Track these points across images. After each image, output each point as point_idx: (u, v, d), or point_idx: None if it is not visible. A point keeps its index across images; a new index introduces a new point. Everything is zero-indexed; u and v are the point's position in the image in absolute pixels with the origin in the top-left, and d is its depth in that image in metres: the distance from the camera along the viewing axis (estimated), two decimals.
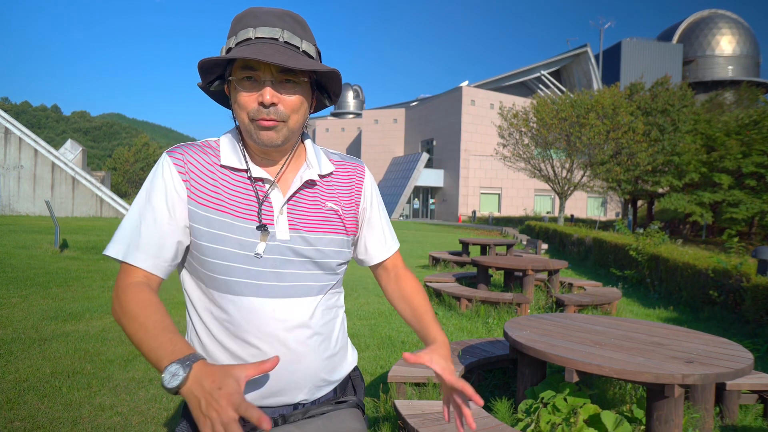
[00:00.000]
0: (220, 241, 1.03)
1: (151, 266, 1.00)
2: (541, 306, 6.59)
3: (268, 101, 0.98)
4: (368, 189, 1.23)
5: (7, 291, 6.39)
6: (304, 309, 1.07)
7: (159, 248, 1.01)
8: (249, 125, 1.02)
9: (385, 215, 1.29)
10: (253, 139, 1.04)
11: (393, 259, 1.30)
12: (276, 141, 1.03)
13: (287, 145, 1.09)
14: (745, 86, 36.23)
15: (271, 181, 1.08)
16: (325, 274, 1.11)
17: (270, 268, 1.04)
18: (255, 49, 0.97)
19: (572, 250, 14.02)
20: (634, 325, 3.31)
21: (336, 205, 1.14)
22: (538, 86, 50.07)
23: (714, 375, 2.36)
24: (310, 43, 1.05)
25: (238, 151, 1.09)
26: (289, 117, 1.02)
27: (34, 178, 24.12)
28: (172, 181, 1.03)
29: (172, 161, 1.05)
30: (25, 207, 23.93)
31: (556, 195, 26.66)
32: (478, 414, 2.59)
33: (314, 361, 1.08)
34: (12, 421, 2.91)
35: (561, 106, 24.20)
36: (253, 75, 1.00)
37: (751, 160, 23.04)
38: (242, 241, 1.03)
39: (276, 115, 1.00)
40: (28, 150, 24.04)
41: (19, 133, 23.88)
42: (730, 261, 7.03)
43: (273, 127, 1.01)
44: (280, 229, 1.06)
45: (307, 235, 1.08)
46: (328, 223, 1.11)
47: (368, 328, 5.52)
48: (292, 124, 1.03)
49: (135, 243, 1.00)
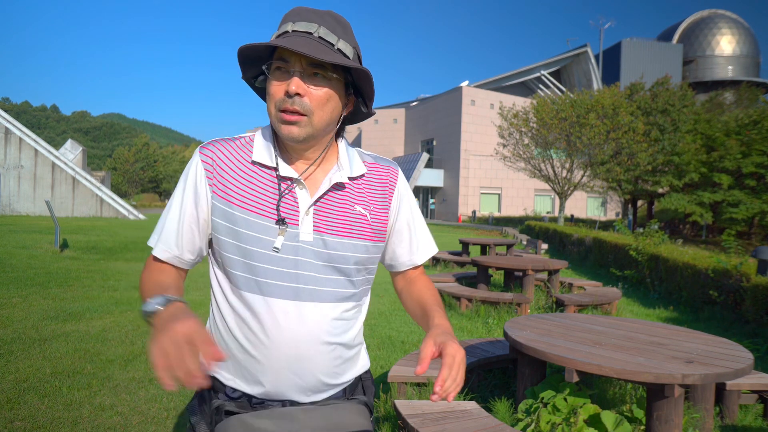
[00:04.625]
0: (240, 238, 1.04)
1: (170, 258, 1.08)
2: (541, 306, 6.59)
3: (293, 90, 0.97)
4: (401, 193, 1.19)
5: (7, 291, 6.39)
6: (320, 315, 1.06)
7: (179, 241, 1.07)
8: (275, 117, 1.02)
9: (421, 221, 1.24)
10: (278, 131, 1.03)
11: (413, 271, 1.26)
12: (297, 136, 1.02)
13: (315, 143, 1.08)
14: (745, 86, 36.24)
15: (299, 180, 1.07)
16: (346, 281, 1.09)
17: (289, 269, 1.04)
18: (287, 40, 0.98)
19: (572, 250, 14.02)
20: (634, 325, 3.31)
21: (365, 210, 1.12)
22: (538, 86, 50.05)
23: (714, 375, 2.36)
24: (348, 43, 1.04)
25: (270, 147, 1.09)
26: (314, 112, 1.01)
27: (34, 178, 24.12)
28: (196, 176, 1.06)
29: (201, 157, 1.07)
30: (25, 207, 23.93)
31: (556, 195, 26.65)
32: (479, 414, 2.59)
33: (322, 367, 1.07)
34: (12, 421, 2.91)
35: (561, 106, 24.19)
36: (284, 66, 1.00)
37: (751, 160, 23.04)
38: (262, 239, 1.03)
39: (300, 107, 0.99)
40: (29, 150, 24.03)
41: (19, 133, 23.88)
42: (730, 261, 7.03)
43: (296, 122, 1.00)
44: (304, 229, 1.05)
45: (331, 238, 1.06)
46: (354, 228, 1.09)
47: (368, 328, 5.52)
48: (316, 121, 1.02)
49: (160, 235, 1.08)
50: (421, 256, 1.23)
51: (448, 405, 2.70)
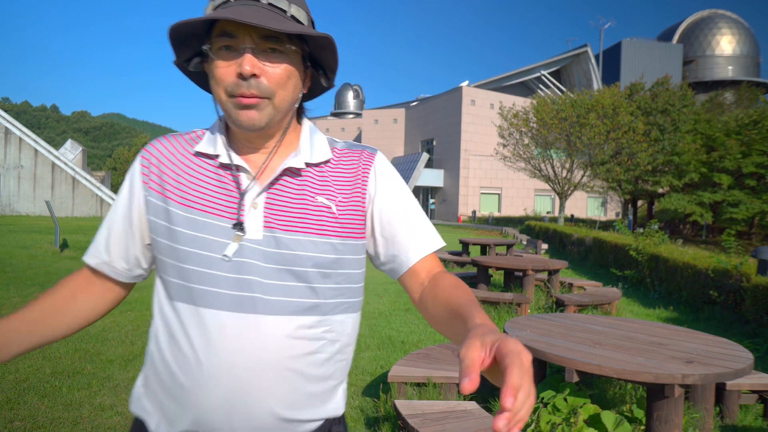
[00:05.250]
0: (174, 237, 0.89)
1: (99, 264, 0.97)
2: (541, 306, 6.59)
3: (247, 72, 0.81)
4: (380, 177, 0.97)
5: (7, 291, 6.39)
6: (268, 330, 0.85)
7: (109, 246, 0.96)
8: (227, 104, 0.85)
9: (415, 209, 0.99)
10: (232, 120, 0.87)
11: (426, 262, 0.97)
12: (259, 122, 0.86)
13: (274, 129, 0.91)
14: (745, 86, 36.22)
15: (245, 168, 0.91)
16: (306, 288, 0.88)
17: (233, 274, 0.86)
18: (231, 10, 0.81)
19: (572, 250, 14.02)
20: (634, 325, 3.31)
21: (329, 200, 0.92)
22: (538, 86, 50.06)
23: (714, 375, 2.36)
24: (300, 8, 0.88)
25: (218, 137, 0.94)
26: (275, 93, 0.85)
27: (34, 178, 24.12)
28: (133, 176, 0.95)
29: (140, 155, 0.96)
30: (25, 207, 23.93)
31: (556, 195, 26.66)
32: (479, 414, 2.59)
33: (268, 400, 0.86)
34: (12, 421, 2.91)
35: (561, 106, 24.20)
36: (232, 43, 0.83)
37: (751, 160, 23.05)
38: (198, 238, 0.87)
39: (258, 90, 0.83)
40: (28, 150, 24.03)
41: (19, 133, 23.88)
42: (730, 261, 7.03)
43: (255, 105, 0.84)
44: (251, 226, 0.87)
45: (284, 235, 0.87)
46: (314, 223, 0.89)
47: (368, 328, 5.52)
48: (278, 102, 0.86)
49: (93, 241, 0.99)
50: (423, 247, 0.97)
51: (448, 405, 2.70)
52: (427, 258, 0.97)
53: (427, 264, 0.97)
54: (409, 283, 0.98)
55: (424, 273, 0.96)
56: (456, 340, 0.82)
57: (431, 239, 0.98)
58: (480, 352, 0.61)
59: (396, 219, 0.96)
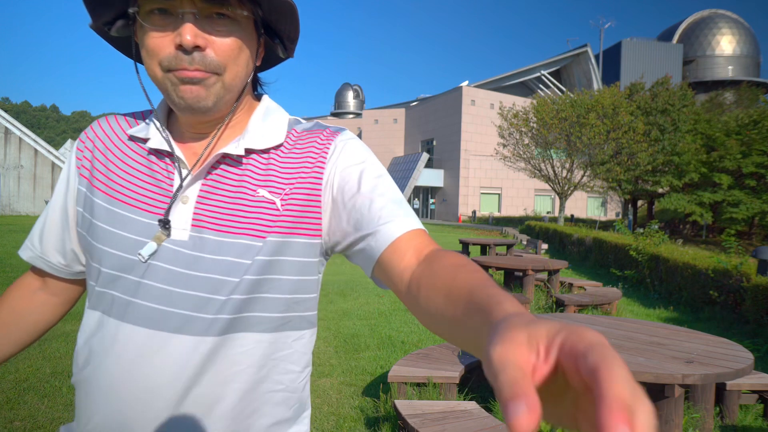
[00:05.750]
0: (96, 234, 0.76)
1: (33, 258, 0.86)
2: (541, 306, 6.59)
3: (189, 43, 0.65)
4: (342, 156, 0.77)
5: None
6: (185, 352, 0.70)
7: (43, 237, 0.85)
8: (164, 80, 0.69)
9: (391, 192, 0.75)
10: (172, 100, 0.71)
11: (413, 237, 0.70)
12: (206, 101, 0.70)
13: (224, 111, 0.76)
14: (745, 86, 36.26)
15: (176, 155, 0.76)
16: (234, 301, 0.72)
17: (152, 281, 0.71)
18: None
19: (572, 250, 14.02)
20: (634, 325, 3.31)
21: (273, 194, 0.74)
22: (538, 86, 50.07)
23: (714, 375, 2.36)
24: None
25: (155, 118, 0.80)
26: (225, 68, 0.70)
27: (34, 178, 24.13)
28: (69, 161, 0.83)
29: (79, 137, 0.84)
30: (25, 207, 23.94)
31: (556, 195, 26.66)
32: (479, 414, 2.59)
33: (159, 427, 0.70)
34: (12, 421, 2.91)
35: (561, 106, 24.21)
36: (166, 6, 0.67)
37: (751, 160, 23.06)
38: (120, 237, 0.74)
39: (203, 65, 0.68)
40: (28, 150, 24.04)
41: (19, 133, 23.89)
42: (730, 261, 7.04)
43: (201, 80, 0.69)
44: (177, 224, 0.73)
45: (212, 236, 0.72)
46: (251, 222, 0.73)
47: (368, 328, 5.52)
48: (228, 79, 0.71)
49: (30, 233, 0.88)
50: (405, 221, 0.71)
51: (448, 405, 2.70)
52: (413, 232, 0.70)
53: (415, 239, 0.70)
54: (390, 269, 0.69)
55: (411, 251, 0.68)
56: (469, 345, 0.50)
57: (413, 219, 0.73)
58: (528, 353, 0.32)
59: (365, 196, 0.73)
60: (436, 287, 0.59)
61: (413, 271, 0.65)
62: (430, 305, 0.59)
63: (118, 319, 0.72)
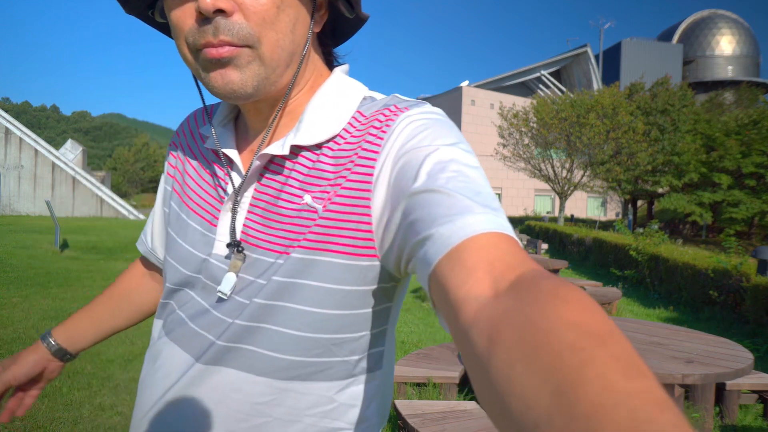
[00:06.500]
0: (167, 241, 0.72)
1: (145, 251, 0.86)
2: None
3: (208, 5, 0.51)
4: (395, 146, 0.57)
5: (7, 291, 6.39)
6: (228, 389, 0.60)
7: (152, 233, 0.83)
8: (193, 63, 0.57)
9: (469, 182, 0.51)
10: (205, 85, 0.58)
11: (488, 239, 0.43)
12: (242, 86, 0.56)
13: (272, 92, 0.60)
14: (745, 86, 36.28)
15: (228, 156, 0.66)
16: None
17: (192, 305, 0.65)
18: None
19: (572, 250, 14.02)
20: (634, 325, 3.31)
21: (316, 200, 0.59)
22: (538, 86, 50.08)
23: (714, 375, 2.36)
24: None
25: (221, 109, 0.72)
26: (259, 37, 0.54)
27: (35, 178, 24.13)
28: (167, 160, 0.78)
29: (176, 129, 0.79)
30: (25, 207, 23.94)
31: (556, 195, 26.67)
32: (479, 414, 2.59)
33: None
34: (12, 421, 2.91)
35: (561, 106, 24.22)
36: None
37: (751, 160, 23.07)
38: (179, 248, 0.67)
39: (230, 35, 0.53)
40: (29, 150, 24.04)
41: (19, 133, 23.89)
42: (730, 261, 7.04)
43: (230, 59, 0.54)
44: (221, 237, 0.64)
45: (252, 253, 0.61)
46: (290, 235, 0.59)
47: None
48: (268, 51, 0.55)
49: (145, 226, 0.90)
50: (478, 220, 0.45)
51: (448, 405, 2.70)
52: (490, 236, 0.43)
53: (491, 248, 0.42)
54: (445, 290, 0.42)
55: (482, 267, 0.40)
56: None
57: (493, 216, 0.46)
58: None
59: (428, 189, 0.50)
60: (533, 371, 0.28)
61: (483, 308, 0.36)
62: (513, 389, 0.29)
63: (175, 342, 0.66)
